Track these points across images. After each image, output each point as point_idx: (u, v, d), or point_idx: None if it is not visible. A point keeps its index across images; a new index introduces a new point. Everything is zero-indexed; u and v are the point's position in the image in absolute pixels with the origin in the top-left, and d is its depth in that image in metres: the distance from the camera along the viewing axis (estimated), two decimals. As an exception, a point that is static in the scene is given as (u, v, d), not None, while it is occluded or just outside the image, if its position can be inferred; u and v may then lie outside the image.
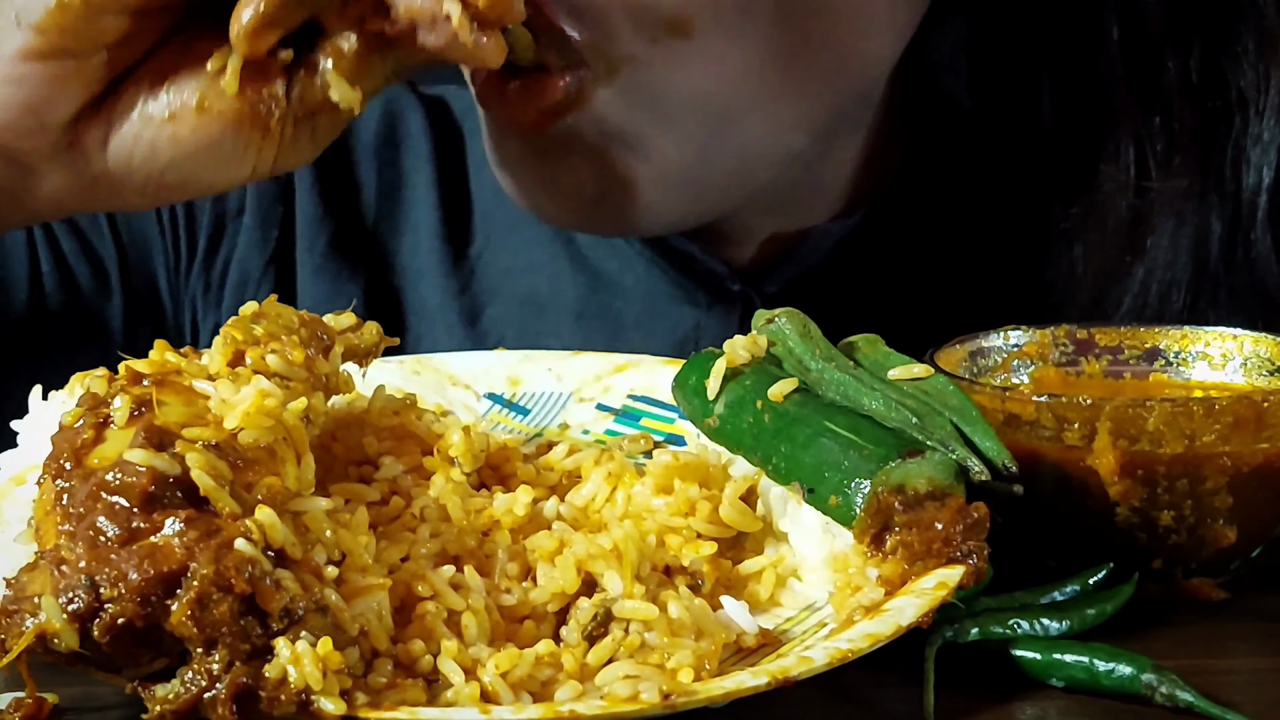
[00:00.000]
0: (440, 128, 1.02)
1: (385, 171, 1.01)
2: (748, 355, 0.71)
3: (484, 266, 0.99)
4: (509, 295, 0.98)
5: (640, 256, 0.96)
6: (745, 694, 0.54)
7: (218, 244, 0.98)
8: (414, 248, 0.99)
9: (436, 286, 0.99)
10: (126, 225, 0.96)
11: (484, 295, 0.98)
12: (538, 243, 0.98)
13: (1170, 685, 0.59)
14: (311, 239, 0.98)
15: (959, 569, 0.60)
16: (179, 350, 0.65)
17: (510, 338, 0.97)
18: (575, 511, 0.68)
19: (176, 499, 0.56)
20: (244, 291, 0.97)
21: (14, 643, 0.54)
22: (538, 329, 0.97)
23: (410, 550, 0.63)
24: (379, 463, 0.69)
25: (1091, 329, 0.77)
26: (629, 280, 0.97)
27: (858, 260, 0.95)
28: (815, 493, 0.65)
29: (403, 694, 0.55)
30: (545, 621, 0.62)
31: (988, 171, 0.98)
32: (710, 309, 0.95)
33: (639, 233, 0.91)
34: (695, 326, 0.95)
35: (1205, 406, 0.66)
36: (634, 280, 0.96)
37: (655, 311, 0.96)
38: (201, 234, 0.97)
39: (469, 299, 0.98)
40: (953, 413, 0.66)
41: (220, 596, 0.53)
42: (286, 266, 0.99)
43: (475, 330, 0.98)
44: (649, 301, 0.96)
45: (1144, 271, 0.91)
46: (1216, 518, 0.67)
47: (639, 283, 0.96)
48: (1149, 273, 0.91)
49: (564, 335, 0.96)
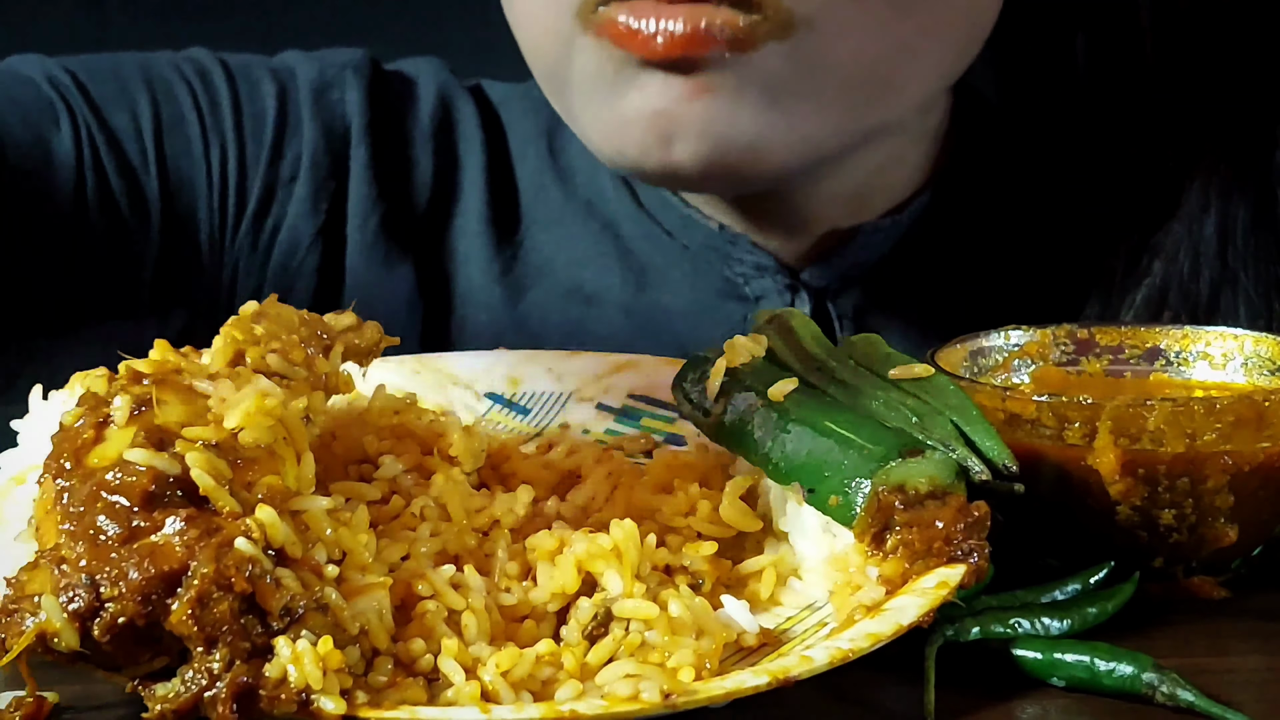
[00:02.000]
0: (487, 116, 1.03)
1: (440, 156, 1.01)
2: (748, 355, 0.71)
3: (525, 254, 0.99)
4: (551, 284, 0.98)
5: (687, 252, 0.96)
6: (746, 693, 0.54)
7: (268, 207, 0.97)
8: (463, 231, 1.00)
9: (480, 269, 0.99)
10: (177, 173, 0.95)
11: (527, 279, 0.99)
12: (583, 237, 0.99)
13: (1171, 684, 0.59)
14: (364, 217, 0.98)
15: (960, 568, 0.60)
16: (179, 350, 0.65)
17: (553, 324, 0.97)
18: (575, 511, 0.68)
19: (177, 498, 0.56)
20: (292, 257, 0.98)
21: (14, 642, 0.54)
22: (585, 321, 0.97)
23: (410, 549, 0.63)
24: (379, 462, 0.69)
25: (1092, 328, 0.77)
26: (676, 275, 0.97)
27: (907, 256, 0.96)
28: (815, 492, 0.64)
29: (403, 693, 0.55)
30: (545, 621, 0.62)
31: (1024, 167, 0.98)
32: (758, 303, 0.95)
33: (743, 190, 0.90)
34: (743, 320, 0.95)
35: (1206, 406, 0.66)
36: (681, 276, 0.97)
37: (703, 306, 0.96)
38: (252, 195, 0.97)
39: (512, 281, 0.98)
40: (953, 412, 0.66)
41: (220, 595, 0.53)
42: (336, 240, 0.99)
43: (516, 313, 0.98)
44: (696, 296, 0.96)
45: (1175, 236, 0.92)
46: (1217, 517, 0.67)
47: (685, 278, 0.97)
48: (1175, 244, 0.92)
49: (614, 327, 0.96)
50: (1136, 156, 0.94)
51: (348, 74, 1.00)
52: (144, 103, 0.95)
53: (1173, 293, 0.92)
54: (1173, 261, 0.93)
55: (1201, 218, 0.92)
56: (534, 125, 1.02)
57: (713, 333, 0.94)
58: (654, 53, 0.79)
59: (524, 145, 1.02)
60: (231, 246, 0.97)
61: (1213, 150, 0.93)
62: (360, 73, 1.00)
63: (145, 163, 0.95)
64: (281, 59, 1.01)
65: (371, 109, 0.99)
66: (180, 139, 0.96)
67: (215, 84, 0.97)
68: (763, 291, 0.95)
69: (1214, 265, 0.92)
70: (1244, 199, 0.92)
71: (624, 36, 0.80)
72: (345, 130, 0.99)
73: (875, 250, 0.95)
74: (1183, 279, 0.92)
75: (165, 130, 0.95)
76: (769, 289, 0.95)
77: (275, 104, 0.98)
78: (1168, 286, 0.93)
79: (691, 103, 0.81)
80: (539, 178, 1.01)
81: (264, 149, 0.97)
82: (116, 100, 0.95)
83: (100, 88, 0.95)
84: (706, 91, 0.80)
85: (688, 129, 0.81)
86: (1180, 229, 0.93)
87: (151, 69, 0.97)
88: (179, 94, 0.96)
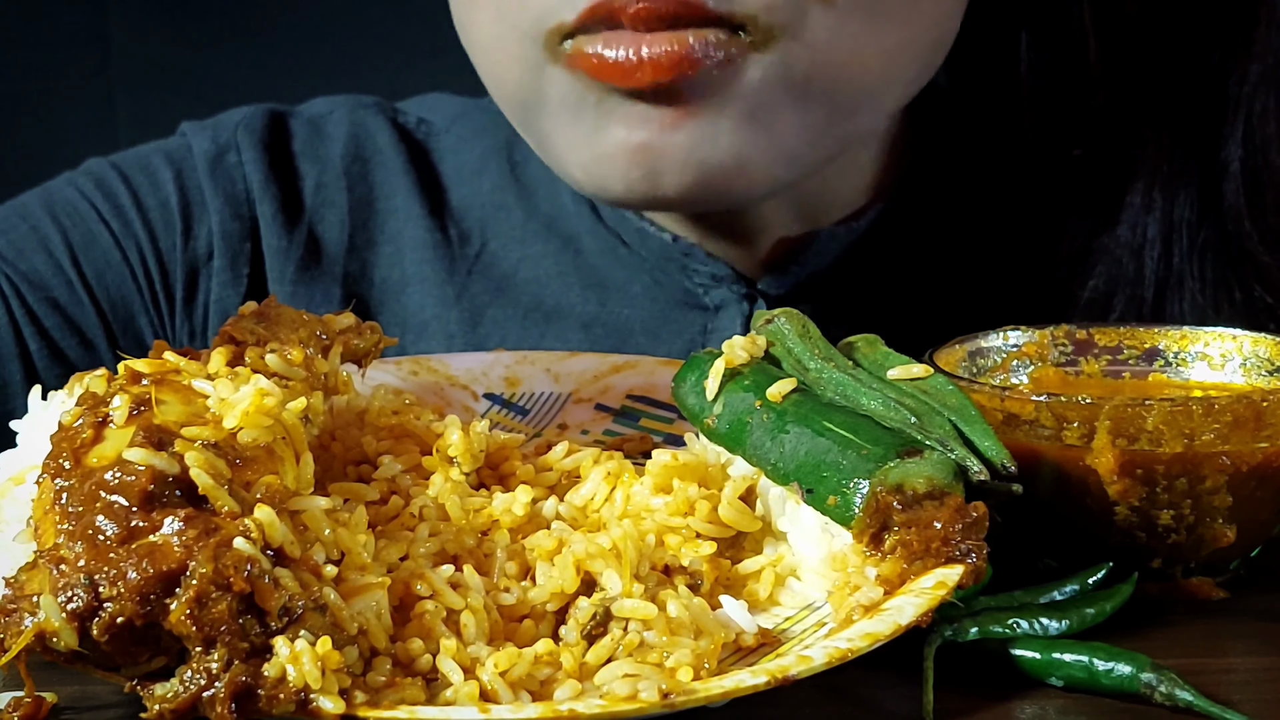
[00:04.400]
0: (411, 144, 1.02)
1: (356, 188, 1.00)
2: (746, 355, 0.71)
3: (482, 269, 0.98)
4: (511, 299, 0.98)
5: (645, 264, 0.96)
6: (744, 693, 0.54)
7: (194, 290, 0.98)
8: (393, 259, 0.99)
9: (432, 296, 0.98)
10: (104, 291, 0.97)
11: (484, 297, 0.98)
12: (544, 256, 0.98)
13: (1169, 684, 0.59)
14: (280, 269, 0.98)
15: (958, 568, 0.60)
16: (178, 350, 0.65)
17: (512, 342, 0.97)
18: (574, 511, 0.68)
19: (175, 498, 0.56)
20: None
21: (13, 642, 0.54)
22: (544, 338, 0.97)
23: (409, 549, 0.63)
24: (378, 462, 0.69)
25: (1091, 329, 0.77)
26: (636, 288, 0.96)
27: (863, 263, 0.96)
28: (814, 493, 0.64)
29: (402, 693, 0.55)
30: (544, 621, 0.62)
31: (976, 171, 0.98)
32: (718, 313, 0.95)
33: (730, 205, 0.89)
34: (703, 330, 0.95)
35: (1204, 406, 0.66)
36: (641, 288, 0.96)
37: (663, 318, 0.96)
38: (177, 284, 0.98)
39: (467, 303, 0.98)
40: (952, 412, 0.66)
41: (219, 595, 0.53)
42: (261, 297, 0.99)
43: (476, 334, 0.97)
44: (656, 308, 0.96)
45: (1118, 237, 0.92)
46: (1216, 517, 0.67)
47: (646, 290, 0.96)
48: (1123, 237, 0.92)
49: (573, 344, 0.95)
50: (1080, 157, 0.94)
51: (240, 134, 1.00)
52: (55, 235, 0.96)
53: (1118, 295, 0.92)
54: (1117, 263, 0.92)
55: (1144, 218, 0.92)
56: (491, 141, 1.01)
57: (673, 343, 0.95)
58: (639, 82, 0.77)
59: (482, 162, 1.01)
60: (174, 338, 0.98)
61: (1156, 150, 0.92)
62: (252, 130, 1.00)
63: (75, 295, 0.96)
64: (177, 137, 1.02)
65: (270, 163, 0.99)
66: (98, 256, 0.97)
67: (114, 189, 0.98)
68: (722, 301, 0.95)
69: (1159, 266, 0.92)
70: (1188, 198, 0.92)
71: (602, 69, 0.78)
72: (247, 191, 0.99)
73: (831, 257, 0.95)
74: (1128, 280, 0.92)
75: (80, 253, 0.96)
76: (727, 298, 0.94)
77: (175, 189, 0.98)
78: (1113, 289, 0.92)
79: (675, 131, 0.79)
80: (498, 195, 1.00)
81: (175, 235, 0.98)
82: (29, 242, 0.96)
83: (10, 236, 0.96)
84: (689, 117, 0.79)
85: (672, 160, 0.80)
86: (1124, 230, 0.92)
87: (53, 198, 0.98)
88: (83, 212, 0.97)
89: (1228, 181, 0.91)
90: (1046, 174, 0.95)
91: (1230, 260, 0.92)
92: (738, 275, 0.94)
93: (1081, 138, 0.93)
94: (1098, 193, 0.93)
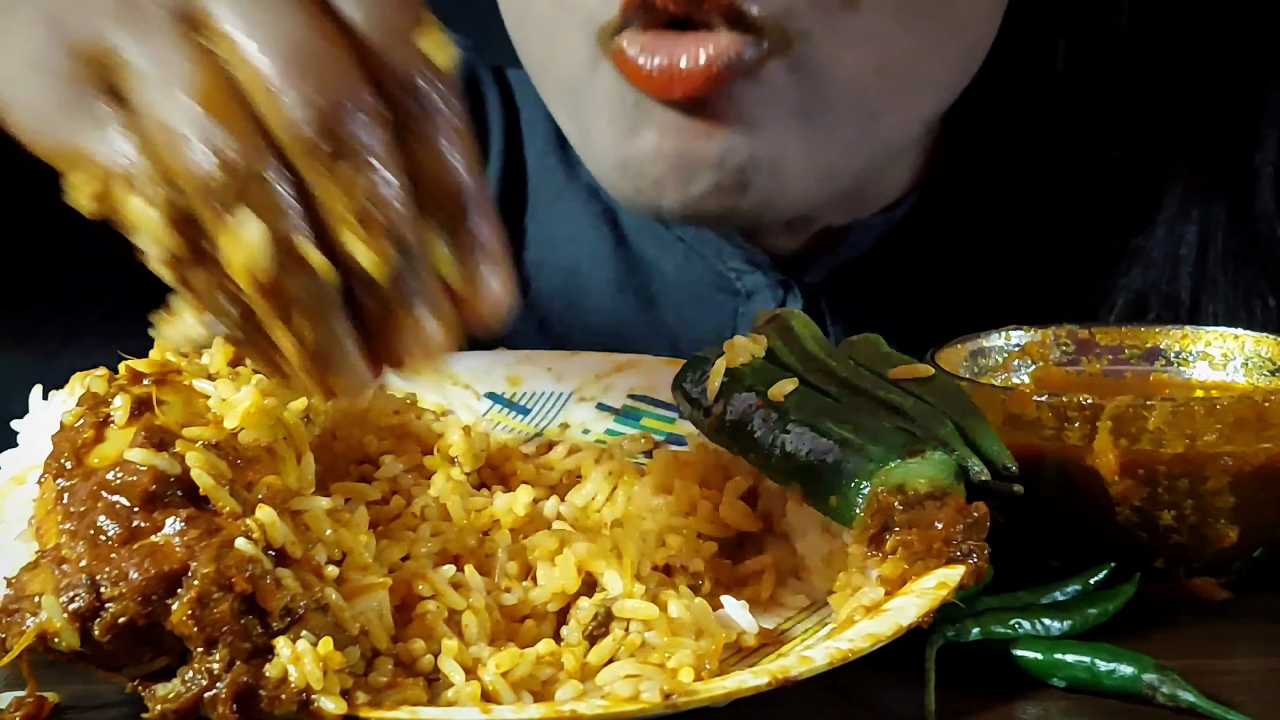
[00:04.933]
0: (507, 98, 1.03)
1: None
2: (748, 355, 0.71)
3: (531, 238, 1.00)
4: (554, 267, 0.99)
5: (679, 243, 0.96)
6: (746, 694, 0.54)
7: None
8: None
9: None
10: None
11: (531, 269, 0.99)
12: (583, 215, 0.99)
13: (1172, 685, 0.59)
14: None
15: (959, 569, 0.60)
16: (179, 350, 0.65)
17: (556, 309, 0.97)
18: (575, 511, 0.68)
19: (177, 498, 0.56)
20: None
21: (15, 641, 0.54)
22: (580, 295, 0.98)
23: (411, 549, 0.63)
24: (379, 462, 0.69)
25: (1092, 329, 0.77)
26: (668, 266, 0.97)
27: (898, 252, 0.96)
28: (815, 493, 0.64)
29: (403, 693, 0.55)
30: (546, 621, 0.62)
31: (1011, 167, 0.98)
32: (750, 298, 0.95)
33: (763, 221, 0.89)
34: (733, 314, 0.95)
35: (1206, 406, 0.66)
36: (673, 266, 0.97)
37: (694, 298, 0.96)
38: None
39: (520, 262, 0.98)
40: (953, 412, 0.66)
41: (221, 595, 0.53)
42: None
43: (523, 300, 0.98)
44: (687, 288, 0.96)
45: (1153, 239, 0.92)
46: (1218, 517, 0.67)
47: (677, 269, 0.97)
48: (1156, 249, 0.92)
49: (605, 302, 0.96)
50: (1115, 161, 0.94)
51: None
52: None
53: (1153, 297, 0.92)
54: (1152, 266, 0.93)
55: (1182, 222, 0.92)
56: (542, 108, 1.02)
57: (703, 322, 0.95)
58: (669, 96, 0.79)
59: (532, 126, 1.03)
60: None
61: (1192, 154, 0.92)
62: None
63: None
64: None
65: None
66: None
67: None
68: (755, 287, 0.95)
69: (1194, 270, 0.92)
70: (1223, 203, 0.92)
71: (636, 75, 0.79)
72: None
73: (864, 247, 0.96)
74: (1162, 284, 0.92)
75: None
76: (761, 284, 0.95)
77: None
78: (1148, 291, 0.93)
79: (708, 140, 0.80)
80: (545, 159, 1.02)
81: None
82: None
83: None
84: (721, 125, 0.79)
85: (705, 166, 0.80)
86: (1161, 233, 0.93)
87: None
88: None
89: (1260, 186, 0.92)
90: (1080, 173, 0.95)
91: (1263, 265, 0.92)
92: (773, 262, 0.95)
93: (1117, 141, 0.94)
94: (1131, 194, 0.94)
